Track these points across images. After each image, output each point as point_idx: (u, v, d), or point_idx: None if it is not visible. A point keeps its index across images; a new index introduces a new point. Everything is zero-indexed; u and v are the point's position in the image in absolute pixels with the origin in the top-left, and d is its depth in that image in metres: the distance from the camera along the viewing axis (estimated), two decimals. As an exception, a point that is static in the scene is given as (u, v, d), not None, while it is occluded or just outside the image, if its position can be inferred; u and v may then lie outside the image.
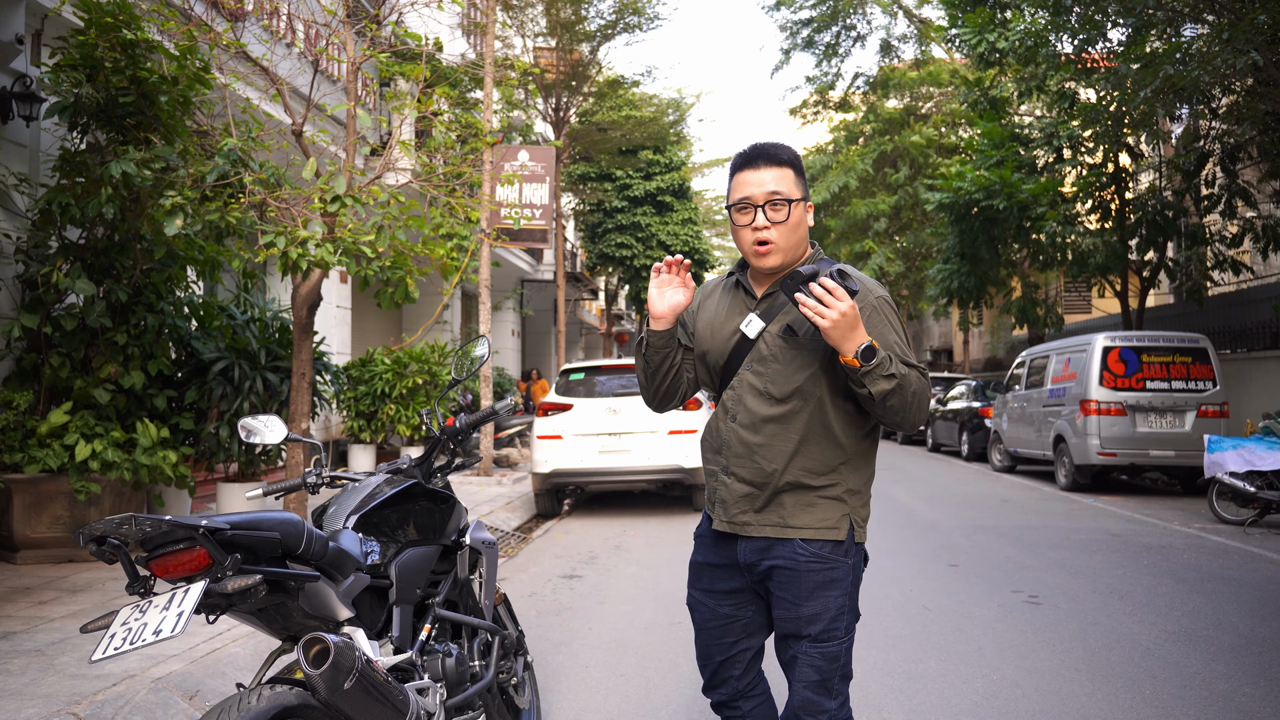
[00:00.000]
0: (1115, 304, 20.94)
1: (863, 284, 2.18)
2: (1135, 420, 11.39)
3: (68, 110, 5.89)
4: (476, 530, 2.99)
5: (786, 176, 2.23)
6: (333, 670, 1.90)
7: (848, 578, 2.25)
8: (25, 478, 5.98)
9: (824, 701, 2.23)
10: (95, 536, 1.86)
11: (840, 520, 2.22)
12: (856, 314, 2.02)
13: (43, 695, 3.57)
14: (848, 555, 2.24)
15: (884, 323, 2.18)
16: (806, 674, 2.24)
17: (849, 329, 2.02)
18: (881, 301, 2.21)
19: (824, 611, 2.22)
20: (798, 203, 2.23)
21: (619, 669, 4.43)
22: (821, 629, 2.22)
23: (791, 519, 2.22)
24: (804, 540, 2.21)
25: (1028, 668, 4.36)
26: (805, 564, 2.21)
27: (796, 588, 2.22)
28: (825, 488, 2.23)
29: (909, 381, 2.08)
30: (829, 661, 2.22)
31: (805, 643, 2.23)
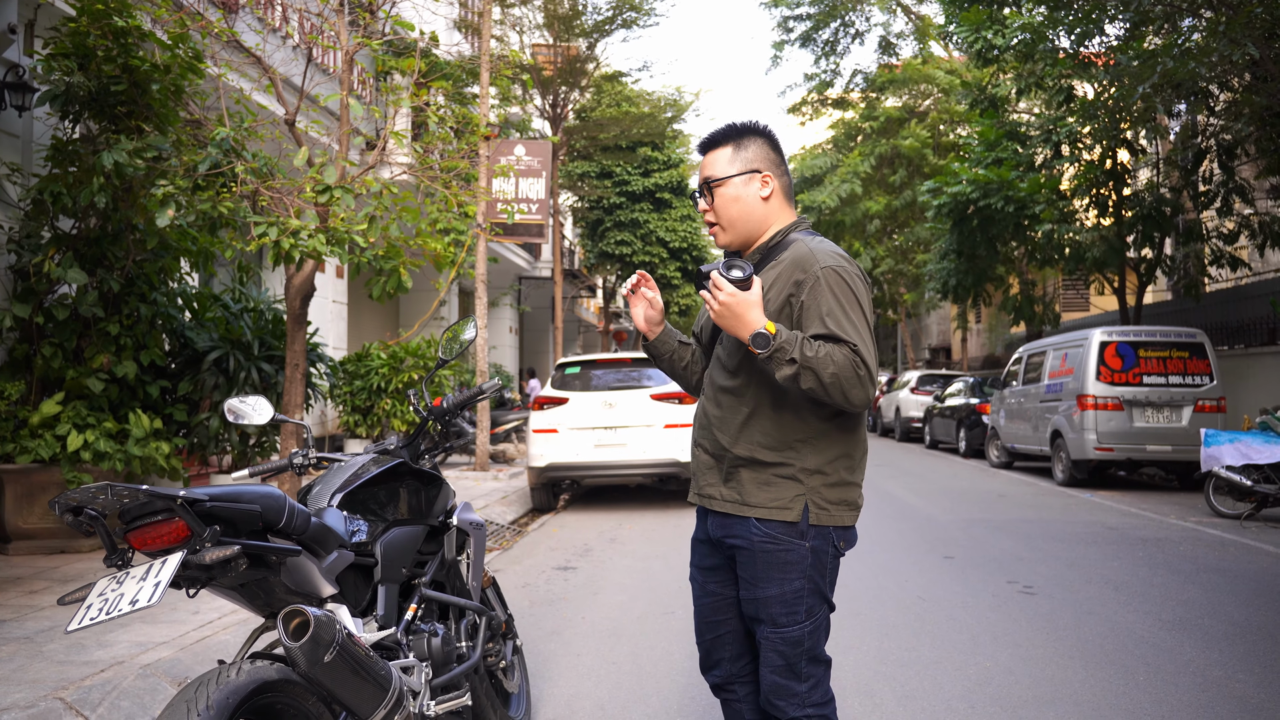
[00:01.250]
0: (1113, 301, 20.94)
1: (811, 253, 2.16)
2: (1132, 415, 11.37)
3: (59, 99, 5.86)
4: (464, 511, 2.98)
5: (719, 158, 2.29)
6: (312, 643, 1.88)
7: (805, 560, 2.18)
8: (17, 468, 5.96)
9: (792, 684, 2.21)
10: (71, 506, 1.84)
11: (794, 500, 2.16)
12: (742, 303, 2.03)
13: (30, 680, 3.55)
14: (804, 537, 2.17)
15: (824, 293, 2.10)
16: (771, 659, 2.22)
17: (735, 318, 2.04)
18: (828, 272, 2.13)
19: (780, 595, 2.18)
20: (728, 179, 2.27)
21: (611, 656, 4.41)
22: (779, 612, 2.19)
23: (748, 496, 2.20)
24: (758, 520, 2.19)
25: (1021, 655, 4.34)
26: (759, 544, 2.19)
27: (753, 568, 2.21)
28: (779, 465, 2.18)
29: (821, 364, 2.00)
30: (791, 646, 2.20)
31: (765, 627, 2.22)
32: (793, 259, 2.19)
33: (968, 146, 17.08)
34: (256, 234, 5.72)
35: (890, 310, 32.15)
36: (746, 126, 2.33)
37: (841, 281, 2.12)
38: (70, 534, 6.15)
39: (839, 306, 2.09)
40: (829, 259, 2.15)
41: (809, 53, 25.08)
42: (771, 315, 2.16)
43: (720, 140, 2.31)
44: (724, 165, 2.28)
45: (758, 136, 2.31)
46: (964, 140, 21.10)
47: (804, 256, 2.16)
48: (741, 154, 2.28)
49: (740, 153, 2.28)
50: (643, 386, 9.77)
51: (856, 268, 2.20)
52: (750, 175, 2.27)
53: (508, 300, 22.12)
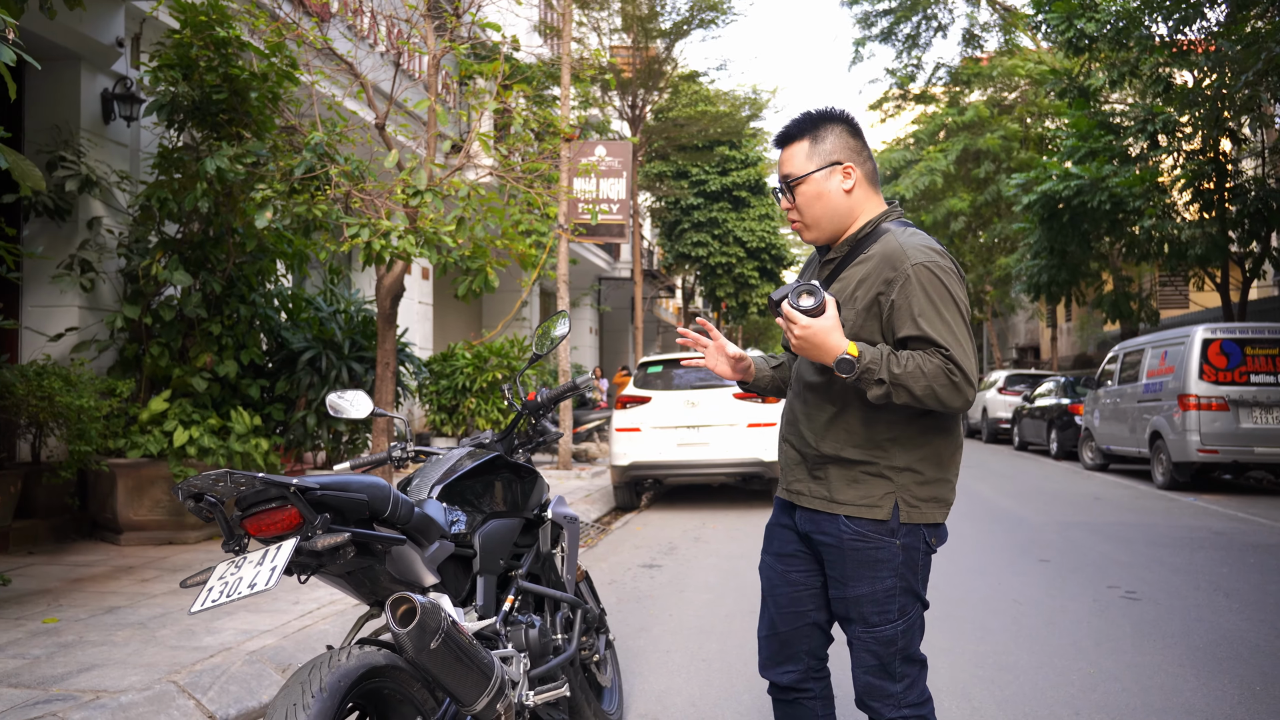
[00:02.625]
0: (1214, 297, 20.06)
1: (902, 249, 2.07)
2: (1238, 415, 10.86)
3: (165, 108, 6.12)
4: (558, 505, 3.00)
5: (796, 153, 2.20)
6: (419, 630, 1.91)
7: (896, 558, 2.13)
8: (128, 462, 6.24)
9: (887, 685, 2.17)
10: (193, 493, 1.90)
11: (884, 498, 2.12)
12: (820, 331, 1.99)
13: (144, 664, 3.71)
14: (895, 535, 2.12)
15: (916, 292, 2.03)
16: (864, 659, 2.18)
17: (815, 348, 2.01)
18: (919, 269, 2.04)
19: (872, 593, 2.14)
20: (808, 177, 2.18)
21: (700, 654, 4.39)
22: (871, 611, 2.15)
23: (836, 494, 2.16)
24: (847, 518, 2.15)
25: (1126, 662, 4.18)
26: (849, 542, 2.14)
27: (842, 567, 2.17)
28: (867, 463, 2.13)
29: (912, 378, 1.96)
30: (883, 645, 2.15)
31: (857, 626, 2.18)
32: (883, 254, 2.10)
33: (1058, 139, 16.54)
34: (349, 235, 5.87)
35: (976, 309, 31.38)
36: (823, 114, 2.23)
37: (934, 279, 2.04)
38: (177, 525, 6.41)
39: (931, 306, 2.02)
40: (921, 254, 2.06)
41: (890, 48, 24.66)
42: (859, 313, 2.11)
43: (796, 134, 2.22)
44: (802, 161, 2.19)
45: (836, 124, 2.22)
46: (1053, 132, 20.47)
47: (894, 252, 2.08)
48: (820, 147, 2.19)
49: (818, 145, 2.19)
50: (725, 385, 9.71)
51: (951, 262, 2.11)
52: (831, 169, 2.18)
53: (588, 301, 22.29)
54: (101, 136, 6.86)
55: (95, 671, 3.62)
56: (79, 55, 6.61)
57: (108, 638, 4.10)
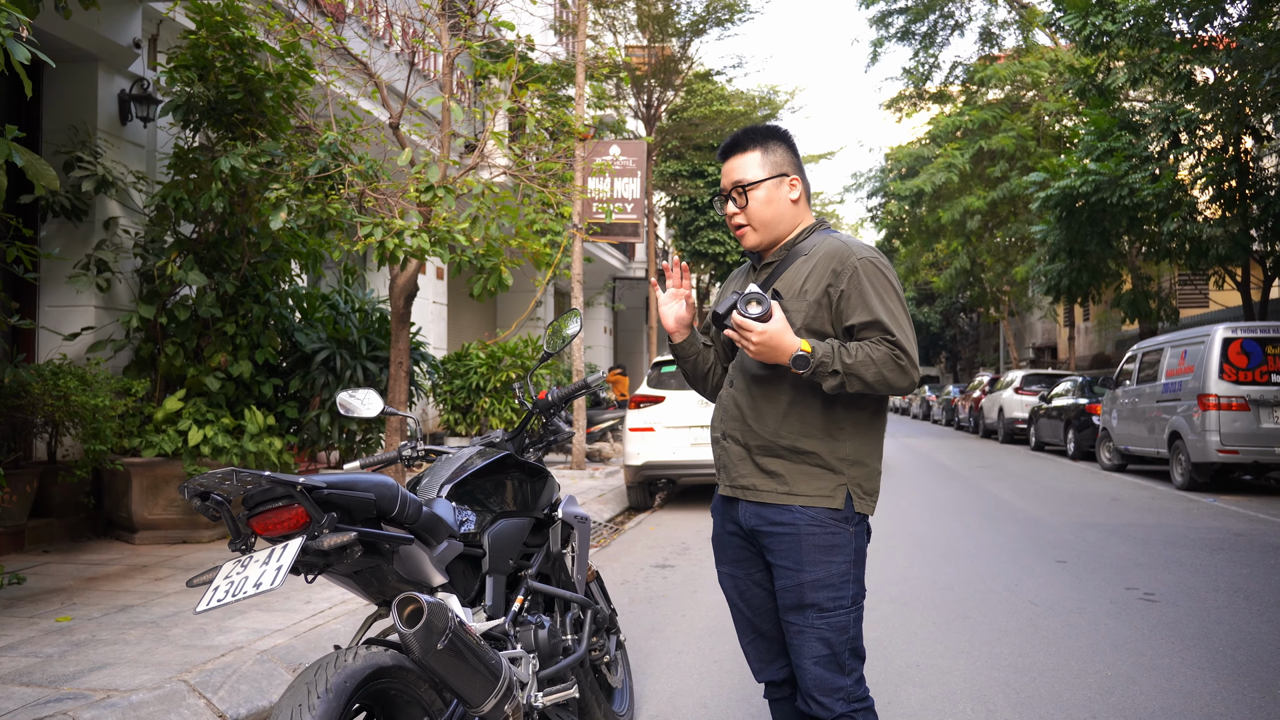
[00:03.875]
0: (1233, 296, 19.84)
1: (846, 246, 2.23)
2: (1259, 415, 10.73)
3: (181, 109, 6.14)
4: (569, 504, 2.98)
5: (750, 161, 2.33)
6: (426, 630, 1.89)
7: (850, 544, 2.21)
8: (143, 461, 6.26)
9: (837, 678, 2.18)
10: (199, 492, 1.90)
11: (836, 490, 2.20)
12: (774, 335, 2.08)
13: (156, 663, 3.71)
14: (849, 523, 2.21)
15: (864, 283, 2.17)
16: (815, 648, 2.18)
17: (772, 349, 2.10)
18: (864, 263, 2.19)
19: (827, 577, 2.18)
20: (760, 183, 2.31)
21: (713, 655, 4.36)
22: (825, 597, 2.18)
23: (793, 485, 2.22)
24: (801, 507, 2.20)
25: (1145, 664, 4.12)
26: (805, 528, 2.19)
27: (797, 554, 2.20)
28: (819, 454, 2.21)
29: (863, 366, 2.08)
30: (837, 633, 2.18)
31: (811, 613, 2.19)
32: (827, 251, 2.24)
33: (1077, 136, 16.38)
34: (363, 234, 5.87)
35: (993, 309, 31.17)
36: (770, 130, 2.38)
37: (878, 271, 2.19)
38: (191, 524, 6.43)
39: (877, 295, 2.16)
40: (864, 250, 2.22)
41: (906, 47, 24.51)
42: (810, 304, 2.21)
43: (746, 144, 2.35)
44: (755, 169, 2.32)
45: (780, 141, 2.36)
46: (1070, 130, 20.30)
47: (838, 249, 2.22)
48: (770, 158, 2.33)
49: (769, 156, 2.33)
50: (739, 385, 9.68)
51: (886, 259, 2.27)
52: (780, 178, 2.33)
53: (602, 300, 22.27)
54: (118, 137, 6.90)
55: (107, 670, 3.63)
56: (96, 56, 6.64)
57: (120, 636, 4.12)
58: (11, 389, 5.71)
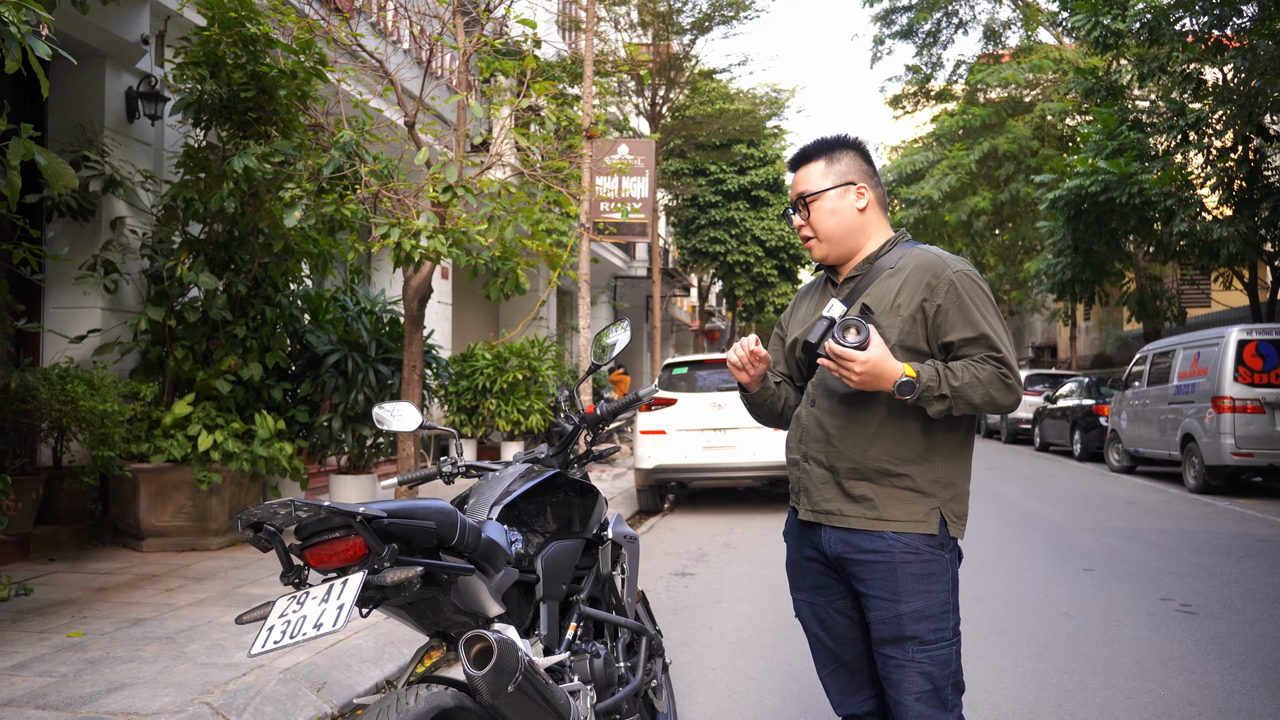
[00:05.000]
0: (1237, 297, 19.75)
1: (939, 259, 2.13)
2: (1275, 418, 10.63)
3: (192, 106, 5.98)
4: (618, 524, 2.84)
5: (814, 172, 2.26)
6: (496, 671, 1.76)
7: (947, 572, 2.11)
8: (151, 467, 6.11)
9: (940, 714, 2.06)
10: (252, 523, 1.76)
11: (929, 514, 2.09)
12: (877, 362, 1.97)
13: (175, 684, 3.57)
14: (944, 549, 2.11)
15: (964, 297, 2.07)
16: (917, 683, 2.06)
17: (876, 377, 1.99)
18: (961, 276, 2.09)
19: (928, 608, 2.06)
20: (823, 193, 2.23)
21: (748, 672, 4.23)
22: (926, 629, 2.05)
23: (884, 510, 2.10)
24: (895, 533, 2.08)
25: (1196, 682, 4.00)
26: (901, 555, 2.07)
27: (894, 583, 2.07)
28: (911, 477, 2.10)
29: (971, 388, 1.99)
30: (940, 667, 2.06)
31: (912, 645, 2.06)
32: (918, 265, 2.13)
33: (1085, 135, 16.28)
34: (379, 234, 5.73)
35: (993, 307, 31.03)
36: (838, 140, 2.29)
37: (975, 285, 2.10)
38: (200, 532, 6.28)
39: (978, 310, 2.06)
40: (959, 264, 2.13)
41: (910, 44, 24.39)
42: (904, 320, 2.10)
43: (812, 155, 2.28)
44: (818, 179, 2.25)
45: (849, 149, 2.28)
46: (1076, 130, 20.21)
47: (931, 262, 2.12)
48: (835, 167, 2.25)
49: (834, 166, 2.25)
50: (752, 388, 9.56)
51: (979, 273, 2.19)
52: (845, 188, 2.23)
53: (605, 299, 22.14)
54: (125, 135, 6.73)
55: (125, 691, 3.48)
56: (103, 53, 6.48)
57: (135, 653, 3.97)
58: (18, 393, 5.56)
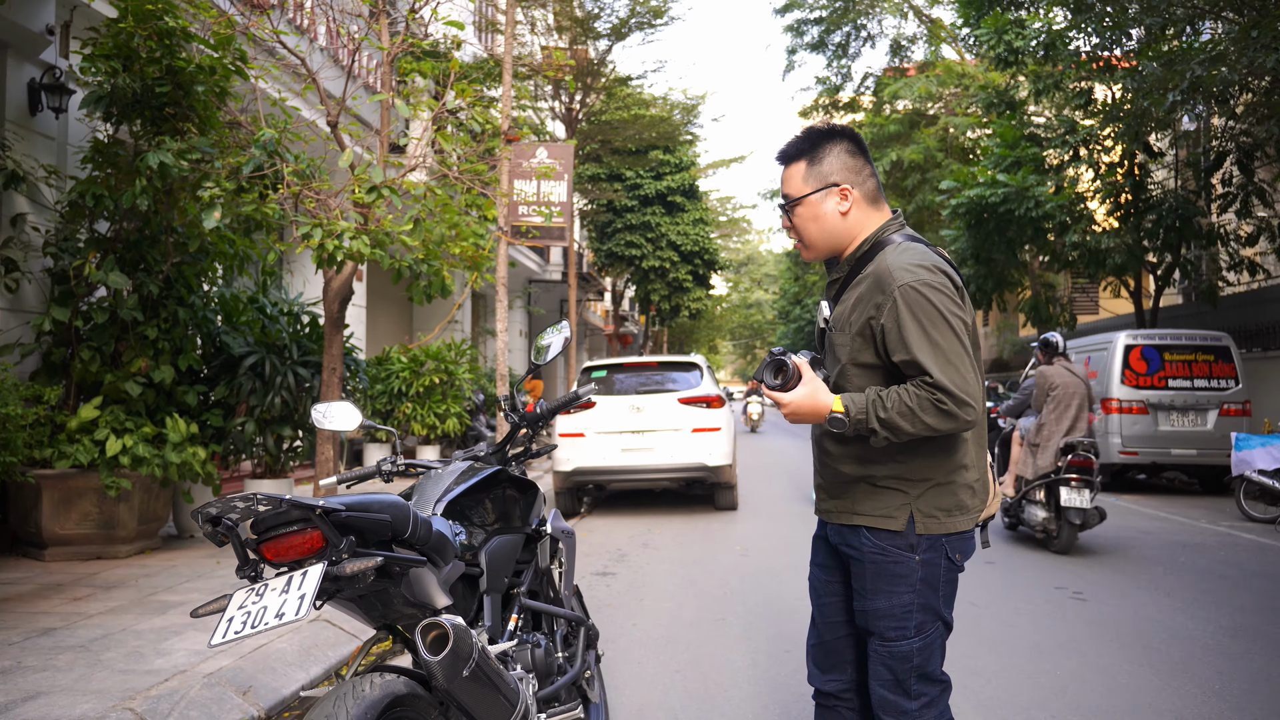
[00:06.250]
0: (1125, 304, 20.85)
1: (889, 271, 2.06)
2: (1157, 419, 11.33)
3: (103, 100, 5.81)
4: (556, 520, 2.92)
5: (795, 173, 2.23)
6: (452, 656, 1.82)
7: (914, 574, 2.12)
8: (55, 473, 5.90)
9: (902, 702, 2.15)
10: (211, 516, 1.78)
11: (899, 510, 2.12)
12: (804, 400, 2.06)
13: (94, 691, 3.50)
14: (914, 550, 2.12)
15: (904, 316, 2.02)
16: (880, 672, 2.17)
17: (806, 415, 2.08)
18: (905, 290, 2.02)
19: (889, 608, 2.13)
20: (804, 199, 2.21)
21: (673, 665, 4.35)
22: (887, 626, 2.14)
23: (857, 505, 2.18)
24: (868, 529, 2.15)
25: (1089, 663, 4.29)
26: (869, 555, 2.15)
27: (863, 579, 2.17)
28: (883, 475, 2.14)
29: (902, 416, 1.98)
30: (898, 661, 2.14)
31: (875, 640, 2.17)
32: (875, 275, 2.11)
33: (985, 149, 17.01)
34: (300, 235, 5.66)
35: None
36: (823, 133, 2.23)
37: (921, 299, 2.02)
38: (107, 539, 6.09)
39: (919, 328, 2.01)
40: (908, 274, 2.04)
41: (821, 56, 25.04)
42: (852, 338, 2.13)
43: (795, 154, 2.23)
44: (799, 183, 2.21)
45: (835, 143, 2.21)
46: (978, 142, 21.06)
47: (883, 274, 2.08)
48: (816, 169, 2.20)
49: (815, 167, 2.20)
50: (669, 390, 9.71)
51: (939, 276, 2.07)
52: (827, 191, 2.19)
53: (520, 303, 22.08)
54: (27, 129, 6.49)
55: (41, 700, 3.40)
56: (5, 42, 6.23)
57: (48, 662, 3.86)
58: (-89, 396, 5.31)
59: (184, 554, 6.35)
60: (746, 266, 55.03)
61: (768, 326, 57.40)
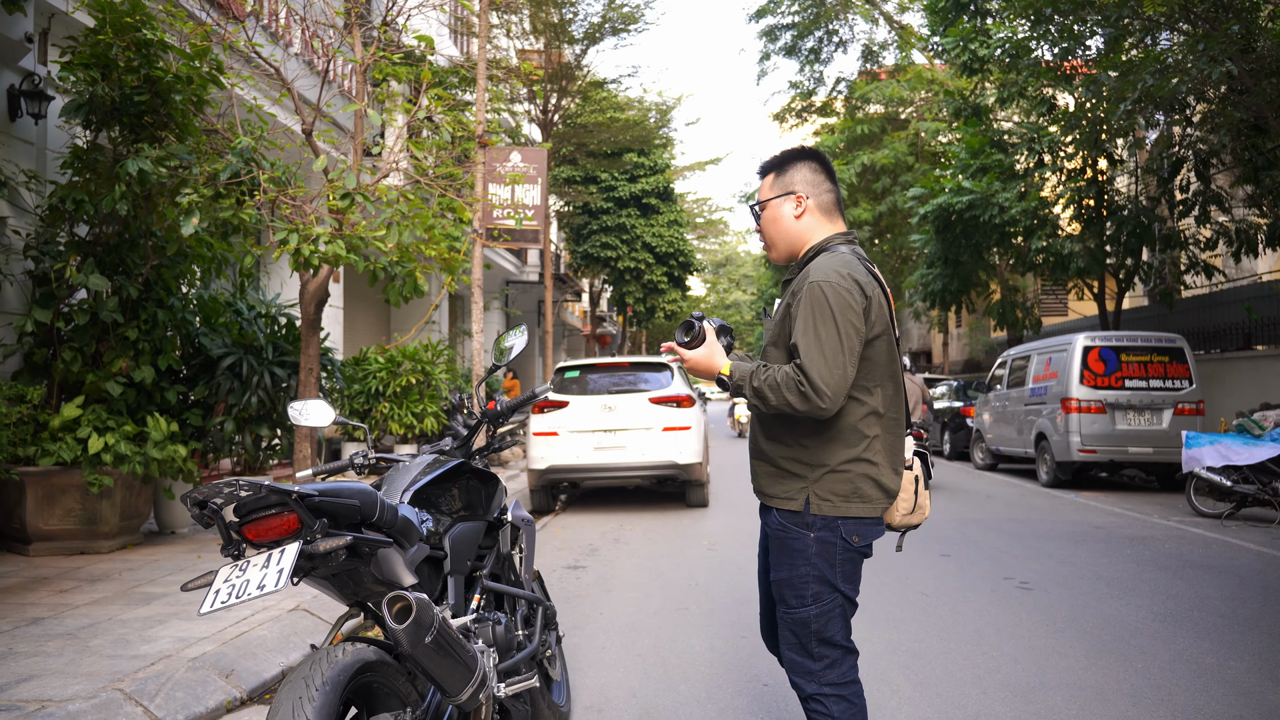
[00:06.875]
0: (1091, 306, 21.31)
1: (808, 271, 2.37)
2: (1115, 418, 11.69)
3: (83, 108, 5.97)
4: (516, 509, 3.15)
5: (765, 184, 2.60)
6: (415, 625, 2.05)
7: (810, 549, 2.36)
8: (39, 470, 6.06)
9: (806, 663, 2.42)
10: (199, 500, 2.00)
11: (799, 492, 2.37)
12: (699, 357, 2.42)
13: (84, 674, 3.69)
14: (810, 528, 2.35)
15: (803, 308, 2.30)
16: (787, 636, 2.46)
17: (702, 370, 2.43)
18: (812, 287, 2.30)
19: (789, 579, 2.40)
20: (766, 203, 2.56)
21: (635, 649, 4.59)
22: (789, 594, 2.40)
23: (767, 488, 2.47)
24: (777, 510, 2.43)
25: (1024, 646, 4.57)
26: (775, 531, 2.43)
27: (774, 553, 2.46)
28: (786, 460, 2.42)
29: (769, 387, 2.27)
30: (799, 626, 2.40)
31: (781, 607, 2.45)
32: (804, 274, 2.41)
33: (952, 153, 17.38)
34: (277, 240, 5.86)
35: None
36: (794, 153, 2.58)
37: (820, 296, 2.28)
38: (90, 535, 6.26)
39: (810, 319, 2.27)
40: (821, 274, 2.32)
41: (794, 61, 25.38)
42: (776, 324, 2.46)
43: (769, 168, 2.60)
44: (766, 190, 2.58)
45: (802, 161, 2.56)
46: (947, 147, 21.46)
47: (808, 273, 2.37)
48: (781, 179, 2.56)
49: (781, 178, 2.56)
50: (641, 390, 9.96)
51: (847, 282, 2.30)
52: (785, 197, 2.53)
53: (497, 304, 22.25)
54: (7, 134, 6.64)
55: (34, 682, 3.59)
56: (-15, 50, 6.38)
57: (38, 649, 4.05)
58: (-103, 396, 5.46)
59: (165, 549, 6.52)
60: (725, 267, 55.39)
61: (746, 327, 57.77)
